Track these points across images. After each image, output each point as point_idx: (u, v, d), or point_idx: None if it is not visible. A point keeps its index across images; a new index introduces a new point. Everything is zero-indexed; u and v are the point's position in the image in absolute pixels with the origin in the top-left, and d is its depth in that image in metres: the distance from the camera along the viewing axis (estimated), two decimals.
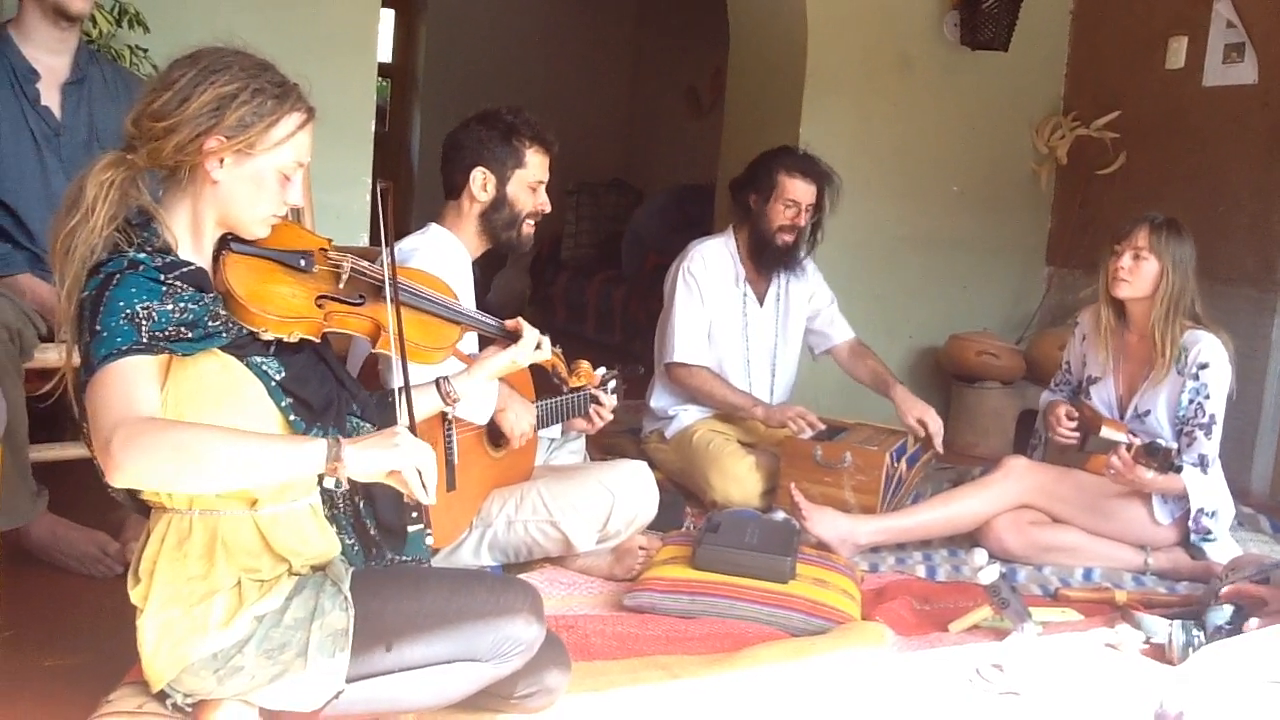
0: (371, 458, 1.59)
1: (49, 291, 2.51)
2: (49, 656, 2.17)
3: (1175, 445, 2.96)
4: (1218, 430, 3.04)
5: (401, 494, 1.68)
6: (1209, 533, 3.03)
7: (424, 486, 1.61)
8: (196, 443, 1.50)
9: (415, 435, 1.64)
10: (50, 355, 2.36)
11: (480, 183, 2.66)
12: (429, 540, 1.78)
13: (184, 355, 1.60)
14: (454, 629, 1.76)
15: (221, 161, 1.66)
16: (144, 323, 1.56)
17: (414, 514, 1.73)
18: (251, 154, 1.68)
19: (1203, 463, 3.02)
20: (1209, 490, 3.01)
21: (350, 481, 1.80)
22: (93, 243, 1.59)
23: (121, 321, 1.55)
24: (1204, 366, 3.01)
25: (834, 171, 3.59)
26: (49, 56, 2.72)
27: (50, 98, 2.72)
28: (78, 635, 2.26)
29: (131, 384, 1.53)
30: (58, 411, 1.73)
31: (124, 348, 1.54)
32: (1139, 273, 3.06)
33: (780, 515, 3.24)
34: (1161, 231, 3.05)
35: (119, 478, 1.48)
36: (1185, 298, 3.06)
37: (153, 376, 1.57)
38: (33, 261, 2.62)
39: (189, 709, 1.73)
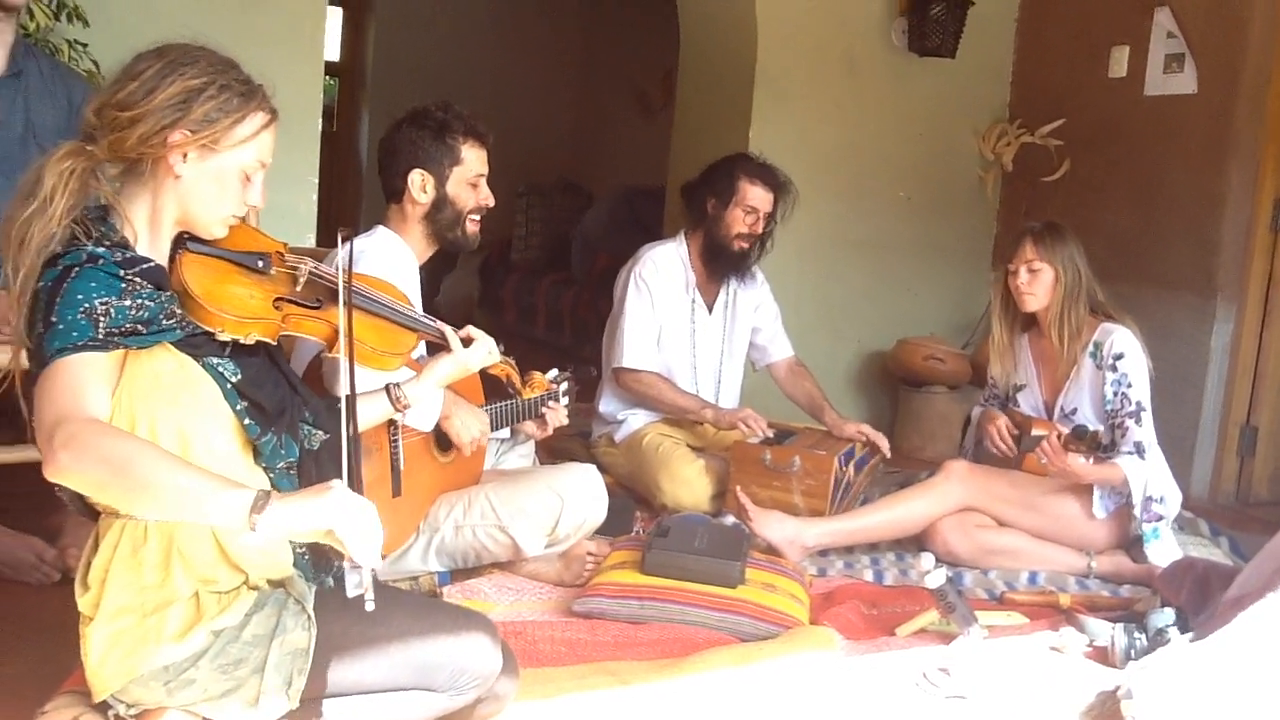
0: (301, 514, 1.47)
1: None
2: None
3: (1100, 427, 3.01)
4: (1148, 416, 3.10)
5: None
6: (1160, 519, 3.05)
7: (363, 550, 1.48)
8: (134, 458, 1.47)
9: (358, 488, 1.51)
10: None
11: (419, 185, 2.62)
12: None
13: (138, 349, 1.58)
14: (413, 657, 1.73)
15: (185, 156, 1.65)
16: (101, 319, 1.53)
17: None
18: (216, 150, 1.66)
19: (1139, 450, 3.07)
20: (1152, 475, 3.05)
21: None
22: (50, 231, 1.56)
23: (79, 316, 1.52)
24: (1120, 357, 3.09)
25: (791, 181, 3.60)
26: None
27: None
28: (12, 644, 2.20)
29: (82, 381, 1.51)
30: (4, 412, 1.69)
31: (79, 343, 1.51)
32: (1038, 282, 3.16)
33: (730, 520, 3.25)
34: (1043, 238, 3.16)
35: (54, 473, 1.46)
36: (1080, 292, 3.16)
37: (105, 375, 1.55)
38: None
39: (131, 719, 1.69)
